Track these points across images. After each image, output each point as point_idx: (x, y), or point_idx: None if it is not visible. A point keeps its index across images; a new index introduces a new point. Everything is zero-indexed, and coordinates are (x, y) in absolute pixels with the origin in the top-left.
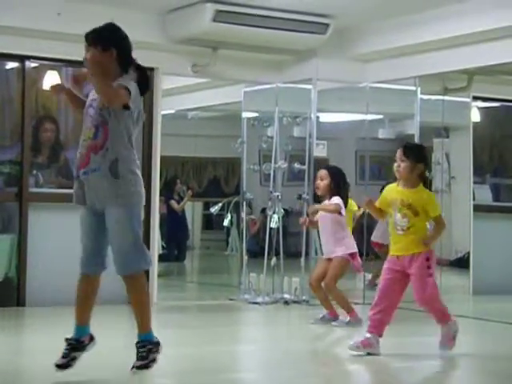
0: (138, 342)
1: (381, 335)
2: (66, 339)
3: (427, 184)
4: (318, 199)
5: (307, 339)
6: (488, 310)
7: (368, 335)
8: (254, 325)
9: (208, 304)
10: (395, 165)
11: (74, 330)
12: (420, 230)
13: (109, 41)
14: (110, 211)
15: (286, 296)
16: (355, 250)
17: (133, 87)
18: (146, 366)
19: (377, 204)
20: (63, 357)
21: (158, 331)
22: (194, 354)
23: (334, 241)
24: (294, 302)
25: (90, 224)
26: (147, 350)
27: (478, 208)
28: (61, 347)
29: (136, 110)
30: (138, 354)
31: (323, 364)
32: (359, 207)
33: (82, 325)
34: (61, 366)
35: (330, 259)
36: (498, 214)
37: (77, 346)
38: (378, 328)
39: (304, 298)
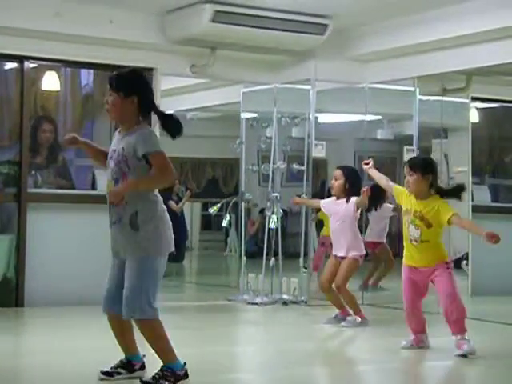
0: (163, 365)
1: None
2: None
3: (442, 193)
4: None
5: (306, 340)
6: (486, 311)
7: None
8: (252, 325)
9: (207, 304)
10: (405, 180)
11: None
12: (435, 247)
13: (131, 88)
14: (128, 260)
15: (285, 296)
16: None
17: (154, 136)
18: None
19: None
20: (111, 367)
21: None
22: (192, 355)
23: (352, 240)
24: (293, 302)
25: (114, 267)
26: (162, 375)
27: (476, 209)
28: (59, 347)
29: None
30: (155, 372)
31: (322, 364)
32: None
33: (130, 354)
34: (104, 373)
35: (342, 258)
36: (496, 214)
37: (126, 365)
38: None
39: (302, 298)
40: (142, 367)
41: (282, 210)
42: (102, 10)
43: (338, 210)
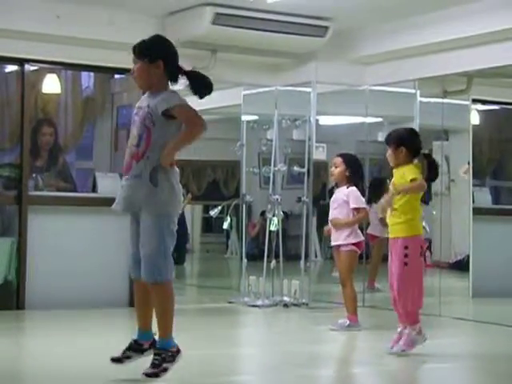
0: (155, 349)
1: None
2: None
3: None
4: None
5: (307, 342)
6: (487, 313)
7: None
8: (253, 328)
9: (207, 307)
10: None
11: (137, 331)
12: (405, 214)
13: (156, 53)
14: (144, 218)
15: (286, 299)
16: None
17: (178, 97)
18: (156, 375)
19: None
20: (122, 352)
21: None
22: (193, 357)
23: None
24: (294, 304)
25: (133, 230)
26: (161, 359)
27: (477, 211)
28: (60, 350)
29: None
30: (151, 361)
31: (323, 367)
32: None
33: (143, 329)
34: (114, 360)
35: (339, 247)
36: (497, 216)
37: (134, 346)
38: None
39: (304, 300)
40: (151, 345)
41: (283, 212)
42: (103, 13)
43: (337, 197)
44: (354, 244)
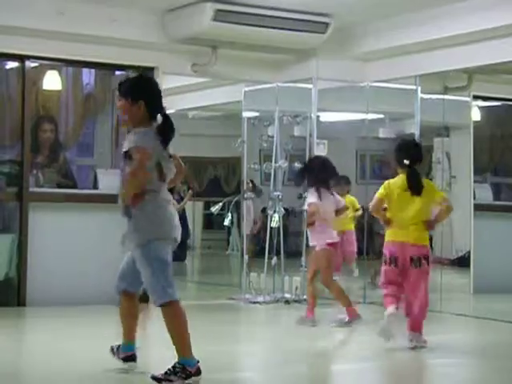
0: (176, 361)
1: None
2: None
3: None
4: None
5: (308, 338)
6: (488, 309)
7: None
8: (254, 324)
9: (209, 303)
10: None
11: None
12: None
13: (138, 94)
14: (134, 250)
15: (287, 295)
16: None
17: (147, 138)
18: (159, 380)
19: None
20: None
21: (158, 331)
22: (195, 353)
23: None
24: (295, 301)
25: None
26: (173, 371)
27: (478, 207)
28: (61, 346)
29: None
30: (166, 370)
31: (324, 363)
32: (362, 207)
33: (125, 340)
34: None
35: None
36: (498, 213)
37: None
38: None
39: (305, 297)
40: (132, 358)
41: (284, 208)
42: (104, 9)
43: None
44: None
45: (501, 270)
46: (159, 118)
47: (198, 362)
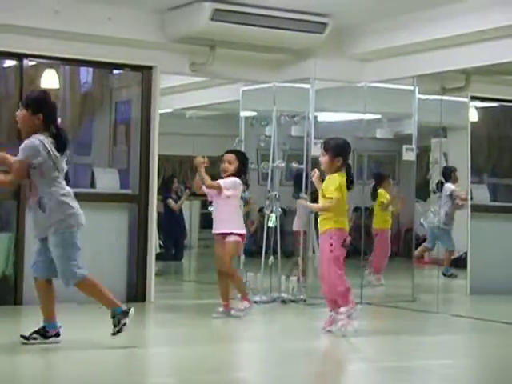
0: (111, 315)
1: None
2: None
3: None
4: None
5: (305, 338)
6: (485, 310)
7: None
8: (251, 324)
9: (205, 303)
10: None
11: (43, 321)
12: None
13: (38, 107)
14: (48, 238)
15: (284, 295)
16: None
17: (35, 145)
18: (119, 330)
19: None
20: (30, 333)
21: (155, 330)
22: (191, 353)
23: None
24: (292, 301)
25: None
26: (117, 319)
27: (475, 208)
28: (56, 345)
29: (40, 160)
30: (112, 325)
31: (320, 363)
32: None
33: (48, 320)
34: (22, 336)
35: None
36: (495, 213)
37: (41, 331)
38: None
39: (301, 296)
40: (57, 335)
41: (281, 208)
42: (101, 8)
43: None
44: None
45: (498, 271)
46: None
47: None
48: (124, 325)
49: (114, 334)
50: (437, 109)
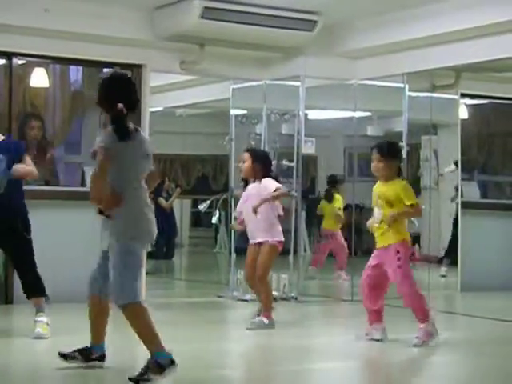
0: (148, 358)
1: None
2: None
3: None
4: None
5: (296, 336)
6: (476, 307)
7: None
8: (242, 322)
9: (196, 301)
10: (373, 165)
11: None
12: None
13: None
14: (111, 246)
15: (275, 293)
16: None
17: (108, 138)
18: (136, 381)
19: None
20: (72, 351)
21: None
22: (183, 351)
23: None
24: (283, 299)
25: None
26: (148, 368)
27: (465, 205)
28: (47, 345)
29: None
30: (141, 368)
31: (312, 361)
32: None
33: (94, 342)
34: (61, 354)
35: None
36: (485, 210)
37: (84, 351)
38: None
39: (292, 294)
40: (102, 358)
41: None
42: (91, 7)
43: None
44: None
45: (488, 268)
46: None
47: (171, 354)
48: (148, 380)
49: (131, 378)
50: (427, 106)
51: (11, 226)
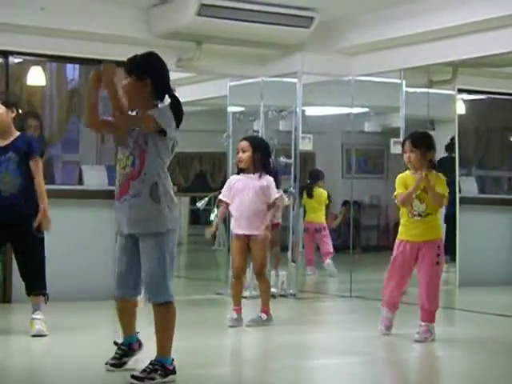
0: (153, 360)
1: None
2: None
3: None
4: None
5: (294, 333)
6: (474, 302)
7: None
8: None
9: (195, 298)
10: (405, 156)
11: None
12: (436, 219)
13: (144, 71)
14: (144, 237)
15: (273, 290)
16: None
17: (167, 117)
18: (142, 379)
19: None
20: (115, 357)
21: (145, 326)
22: (181, 349)
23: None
24: (281, 295)
25: (123, 249)
26: (153, 369)
27: (463, 200)
28: (45, 344)
29: (171, 140)
30: (144, 367)
31: (311, 358)
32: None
33: (127, 335)
34: (112, 365)
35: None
36: (483, 206)
37: (128, 351)
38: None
39: (291, 291)
40: (140, 346)
41: None
42: (88, 5)
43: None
44: None
45: (486, 263)
46: (167, 98)
47: (173, 360)
48: (153, 379)
49: (134, 376)
50: (424, 102)
51: (25, 223)
